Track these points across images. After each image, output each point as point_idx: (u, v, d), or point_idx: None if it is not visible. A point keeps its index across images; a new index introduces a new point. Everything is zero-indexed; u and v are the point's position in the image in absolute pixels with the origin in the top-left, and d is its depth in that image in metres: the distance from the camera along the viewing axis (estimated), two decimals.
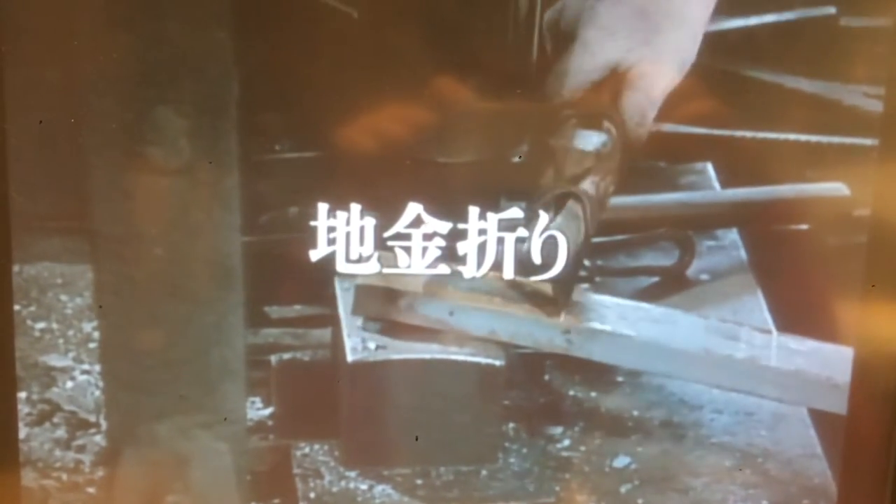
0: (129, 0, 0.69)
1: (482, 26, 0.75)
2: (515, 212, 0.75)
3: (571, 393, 0.84)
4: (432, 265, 0.76)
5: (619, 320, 0.79)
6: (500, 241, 0.76)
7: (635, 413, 0.83)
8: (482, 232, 0.76)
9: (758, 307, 0.86)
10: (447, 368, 0.79)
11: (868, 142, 0.84)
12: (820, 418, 0.81)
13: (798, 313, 0.82)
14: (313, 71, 0.80)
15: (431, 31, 0.75)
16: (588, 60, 0.71)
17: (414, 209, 0.76)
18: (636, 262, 0.89)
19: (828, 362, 0.78)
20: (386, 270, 0.76)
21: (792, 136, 0.86)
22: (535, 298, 0.77)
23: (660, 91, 0.74)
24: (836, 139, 0.86)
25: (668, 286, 0.86)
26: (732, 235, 0.91)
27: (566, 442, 0.82)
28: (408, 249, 0.76)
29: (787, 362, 0.77)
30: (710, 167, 0.92)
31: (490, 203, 0.76)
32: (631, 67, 0.72)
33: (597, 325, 0.78)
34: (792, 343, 0.79)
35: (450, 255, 0.77)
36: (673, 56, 0.74)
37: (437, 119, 0.77)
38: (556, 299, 0.76)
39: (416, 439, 0.77)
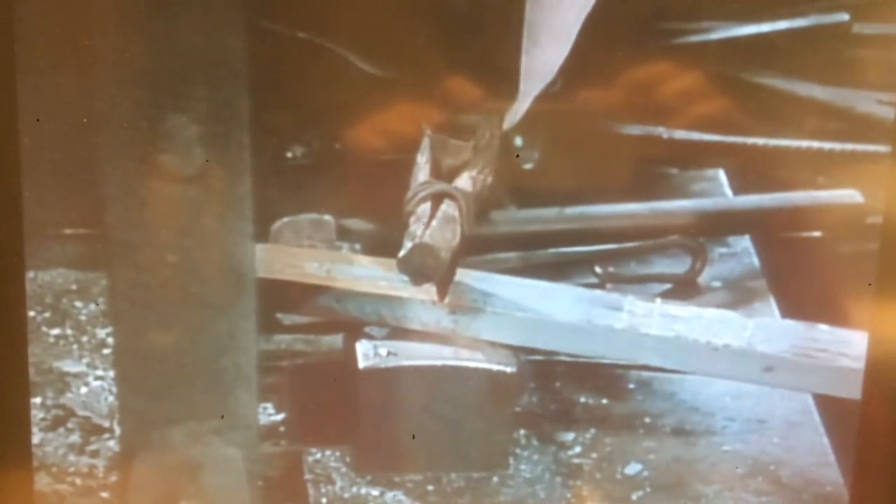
0: (143, 8, 0.70)
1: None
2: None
3: (582, 399, 0.84)
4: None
5: (503, 298, 0.79)
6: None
7: (647, 420, 0.83)
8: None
9: (770, 315, 0.85)
10: (458, 375, 0.79)
11: (882, 149, 0.83)
12: (833, 427, 0.81)
13: (811, 321, 0.82)
14: (326, 76, 0.81)
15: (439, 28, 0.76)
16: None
17: None
18: (648, 269, 0.89)
19: (710, 328, 0.77)
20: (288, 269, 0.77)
21: (805, 143, 0.86)
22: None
23: (532, 87, 0.76)
24: (849, 146, 0.85)
25: (681, 293, 0.86)
26: (745, 242, 0.91)
27: (577, 449, 0.82)
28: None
29: (666, 329, 0.77)
30: (721, 174, 0.92)
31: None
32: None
33: (480, 305, 0.78)
34: (673, 310, 0.78)
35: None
36: (546, 61, 0.75)
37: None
38: (438, 288, 0.76)
39: (418, 440, 0.78)
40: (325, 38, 0.80)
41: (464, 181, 0.76)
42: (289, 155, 0.84)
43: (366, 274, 0.80)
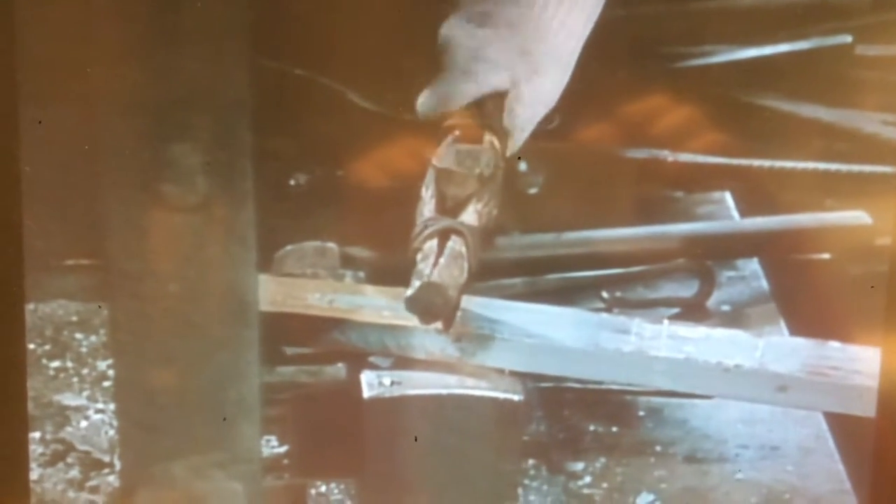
0: (146, 38, 0.69)
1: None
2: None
3: (592, 428, 0.83)
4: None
5: (509, 324, 0.77)
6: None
7: (658, 448, 0.82)
8: None
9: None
10: (464, 403, 0.78)
11: (889, 169, 0.83)
12: (848, 453, 0.80)
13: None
14: (327, 107, 0.80)
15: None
16: (472, 87, 0.72)
17: None
18: (655, 293, 0.88)
19: (720, 349, 0.76)
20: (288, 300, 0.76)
21: (811, 165, 0.86)
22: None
23: (533, 115, 0.75)
24: (855, 167, 0.85)
25: (689, 317, 0.85)
26: (753, 265, 0.90)
27: (587, 479, 0.80)
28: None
29: (676, 351, 0.76)
30: (728, 196, 0.92)
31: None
32: (511, 90, 0.73)
33: (486, 332, 0.77)
34: (681, 331, 0.77)
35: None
36: (547, 90, 0.75)
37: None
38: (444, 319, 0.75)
39: (424, 471, 0.76)
40: (324, 74, 0.80)
41: (469, 215, 0.75)
42: (292, 183, 0.84)
43: (369, 303, 0.79)
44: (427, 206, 0.75)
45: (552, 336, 0.78)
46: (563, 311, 0.81)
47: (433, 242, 0.73)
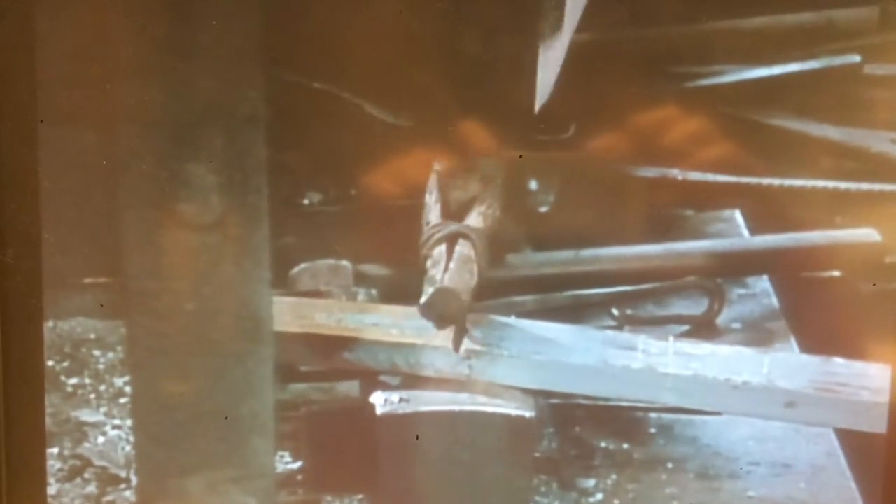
0: (161, 57, 0.71)
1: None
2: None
3: (603, 444, 0.83)
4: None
5: (517, 342, 0.78)
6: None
7: (669, 465, 0.82)
8: None
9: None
10: (477, 420, 0.78)
11: None
12: (860, 470, 0.80)
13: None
14: (341, 123, 0.81)
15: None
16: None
17: None
18: (665, 311, 0.88)
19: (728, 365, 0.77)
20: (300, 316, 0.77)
21: (820, 183, 0.86)
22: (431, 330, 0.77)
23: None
24: (865, 185, 0.85)
25: (699, 335, 0.86)
26: (763, 283, 0.90)
27: (599, 496, 0.80)
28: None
29: (684, 368, 0.76)
30: (738, 214, 0.92)
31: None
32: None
33: (495, 350, 0.78)
34: (687, 348, 0.78)
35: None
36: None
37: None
38: (454, 336, 0.76)
39: (437, 487, 0.77)
40: (340, 88, 0.81)
41: (474, 218, 0.76)
42: (305, 202, 0.85)
43: (377, 322, 0.80)
44: (433, 213, 0.76)
45: (561, 353, 0.79)
46: (570, 329, 0.81)
47: (442, 248, 0.74)
